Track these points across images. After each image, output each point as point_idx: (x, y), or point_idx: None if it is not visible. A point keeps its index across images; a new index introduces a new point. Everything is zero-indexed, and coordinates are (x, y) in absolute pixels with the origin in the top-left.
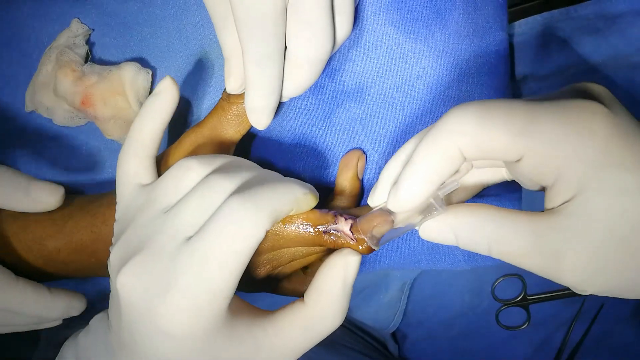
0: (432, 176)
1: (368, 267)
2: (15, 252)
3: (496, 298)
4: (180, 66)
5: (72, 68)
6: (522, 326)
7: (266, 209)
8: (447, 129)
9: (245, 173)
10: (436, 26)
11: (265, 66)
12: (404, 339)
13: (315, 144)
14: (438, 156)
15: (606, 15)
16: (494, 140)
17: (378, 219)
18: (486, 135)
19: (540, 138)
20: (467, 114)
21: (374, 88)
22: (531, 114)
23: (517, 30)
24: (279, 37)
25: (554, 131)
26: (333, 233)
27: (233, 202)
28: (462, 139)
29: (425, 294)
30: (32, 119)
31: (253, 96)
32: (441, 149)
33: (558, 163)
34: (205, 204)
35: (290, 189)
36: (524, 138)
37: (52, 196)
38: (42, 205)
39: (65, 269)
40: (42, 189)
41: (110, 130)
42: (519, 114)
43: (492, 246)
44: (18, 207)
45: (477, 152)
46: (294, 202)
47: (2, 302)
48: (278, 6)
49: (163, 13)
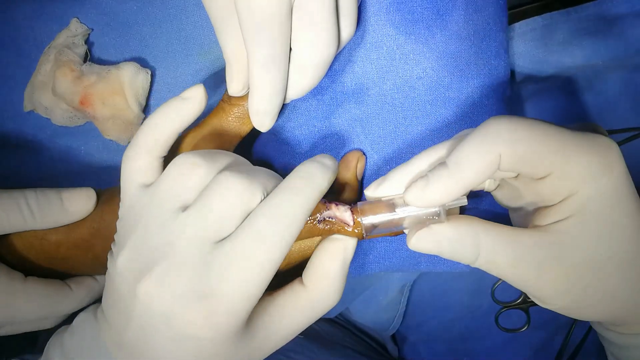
0: (469, 181)
1: (368, 269)
2: (17, 250)
3: (496, 300)
4: (179, 66)
5: (71, 68)
6: (522, 329)
7: (299, 216)
8: (497, 137)
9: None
10: (437, 27)
11: (270, 69)
12: (403, 341)
13: (315, 144)
14: (484, 163)
15: (606, 17)
16: (537, 154)
17: (383, 208)
18: (533, 148)
19: (571, 160)
20: (518, 125)
21: (374, 89)
22: (565, 137)
23: (517, 32)
24: (284, 39)
25: (581, 156)
26: (328, 220)
27: (267, 209)
28: (511, 149)
29: (425, 296)
30: (30, 118)
31: (258, 99)
32: (489, 156)
33: (575, 185)
34: (229, 206)
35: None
36: (560, 157)
37: (87, 202)
38: (80, 214)
39: (63, 265)
40: (74, 198)
41: (109, 130)
42: (557, 135)
43: (481, 256)
44: (57, 224)
45: (516, 163)
46: (319, 194)
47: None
48: (283, 9)
49: (162, 13)
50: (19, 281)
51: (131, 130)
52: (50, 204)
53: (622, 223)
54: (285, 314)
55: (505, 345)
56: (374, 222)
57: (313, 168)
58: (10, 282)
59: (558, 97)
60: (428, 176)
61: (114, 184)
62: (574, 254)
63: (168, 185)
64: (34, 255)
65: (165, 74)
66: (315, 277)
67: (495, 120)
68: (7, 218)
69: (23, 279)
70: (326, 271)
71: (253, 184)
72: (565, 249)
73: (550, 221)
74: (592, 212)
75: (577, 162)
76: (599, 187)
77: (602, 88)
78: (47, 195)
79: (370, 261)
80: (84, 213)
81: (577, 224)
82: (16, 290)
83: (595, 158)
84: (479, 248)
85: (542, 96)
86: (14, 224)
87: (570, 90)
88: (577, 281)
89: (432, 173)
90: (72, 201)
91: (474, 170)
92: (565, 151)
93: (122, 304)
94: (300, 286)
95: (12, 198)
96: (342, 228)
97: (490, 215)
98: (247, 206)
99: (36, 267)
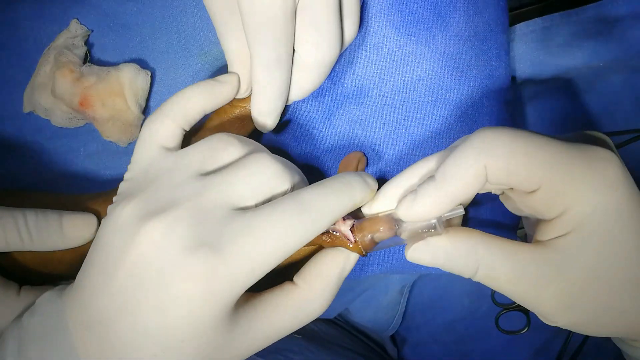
0: (457, 194)
1: (367, 270)
2: (12, 254)
3: (496, 302)
4: (179, 67)
5: (71, 69)
6: (522, 331)
7: (328, 214)
8: (480, 150)
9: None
10: (437, 29)
11: (274, 71)
12: (403, 343)
13: (315, 145)
14: (469, 176)
15: (606, 19)
16: (522, 167)
17: (383, 224)
18: (517, 161)
19: (561, 174)
20: (501, 137)
21: (374, 90)
22: (556, 150)
23: (517, 33)
24: (288, 41)
25: (574, 170)
26: (331, 234)
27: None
28: (494, 161)
29: (425, 297)
30: (30, 119)
31: (261, 100)
32: (472, 169)
33: (569, 200)
34: (259, 182)
35: (351, 192)
36: (549, 171)
37: (87, 229)
38: (78, 241)
39: (58, 268)
40: (75, 224)
41: (109, 132)
42: (546, 148)
43: (480, 270)
44: (55, 248)
45: (503, 176)
46: (352, 205)
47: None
48: (288, 11)
49: (162, 14)
50: (13, 291)
51: (131, 132)
52: (49, 227)
53: (627, 240)
54: (272, 311)
55: (505, 347)
56: (374, 239)
57: (355, 180)
58: (6, 293)
59: (558, 98)
60: (417, 191)
61: (114, 186)
62: (573, 271)
63: (199, 153)
64: (29, 257)
65: (165, 75)
66: (309, 276)
67: (481, 131)
68: (4, 238)
69: (17, 290)
70: (322, 272)
71: (285, 172)
72: (564, 266)
73: (549, 237)
74: (592, 229)
75: (569, 176)
76: (598, 204)
77: (602, 90)
78: (48, 218)
79: (370, 263)
80: (83, 240)
81: (576, 241)
82: (11, 302)
83: (591, 172)
84: (477, 262)
85: (542, 98)
86: (11, 244)
87: (570, 92)
88: (580, 298)
89: (420, 187)
90: (72, 228)
91: (461, 184)
92: (555, 164)
93: (109, 261)
94: (291, 285)
95: (12, 217)
96: (344, 243)
97: (495, 223)
98: (272, 189)
99: (30, 271)
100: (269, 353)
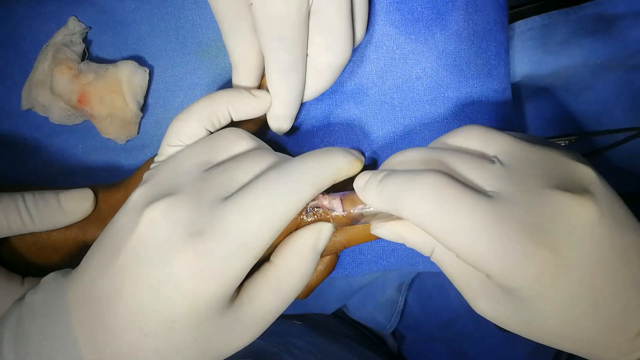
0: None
1: (365, 268)
2: (9, 242)
3: None
4: (177, 65)
5: (69, 66)
6: None
7: (310, 179)
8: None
9: None
10: (437, 27)
11: (289, 75)
12: (401, 340)
13: (314, 144)
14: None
15: (605, 17)
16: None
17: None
18: None
19: (509, 268)
20: None
21: (373, 89)
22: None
23: (516, 31)
24: (302, 45)
25: (526, 262)
26: (315, 212)
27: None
28: None
29: (423, 295)
30: (28, 117)
31: (277, 105)
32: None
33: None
34: (256, 169)
35: (333, 158)
36: (493, 262)
37: (84, 203)
38: (78, 215)
39: (54, 257)
40: (72, 199)
41: (107, 129)
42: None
43: (435, 251)
44: (57, 225)
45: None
46: (336, 171)
47: None
48: (302, 15)
49: (161, 11)
50: (17, 281)
51: (129, 129)
52: (48, 205)
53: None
54: (254, 293)
55: (503, 345)
56: (362, 214)
57: (337, 149)
58: (10, 285)
59: (557, 96)
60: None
61: (111, 182)
62: (545, 321)
63: (212, 144)
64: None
65: (164, 73)
66: (284, 252)
67: (432, 181)
68: (6, 220)
69: (21, 280)
70: (295, 247)
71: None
72: (534, 316)
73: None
74: (563, 290)
75: (520, 266)
76: (559, 283)
77: (600, 87)
78: (45, 197)
79: (367, 260)
80: (82, 214)
81: (547, 299)
82: (15, 290)
83: (547, 257)
84: (433, 244)
85: (541, 95)
86: (13, 227)
87: (568, 90)
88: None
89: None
90: (69, 202)
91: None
92: (500, 249)
93: (114, 242)
94: (268, 264)
95: (12, 200)
96: (326, 215)
97: None
98: None
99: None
100: (268, 335)
